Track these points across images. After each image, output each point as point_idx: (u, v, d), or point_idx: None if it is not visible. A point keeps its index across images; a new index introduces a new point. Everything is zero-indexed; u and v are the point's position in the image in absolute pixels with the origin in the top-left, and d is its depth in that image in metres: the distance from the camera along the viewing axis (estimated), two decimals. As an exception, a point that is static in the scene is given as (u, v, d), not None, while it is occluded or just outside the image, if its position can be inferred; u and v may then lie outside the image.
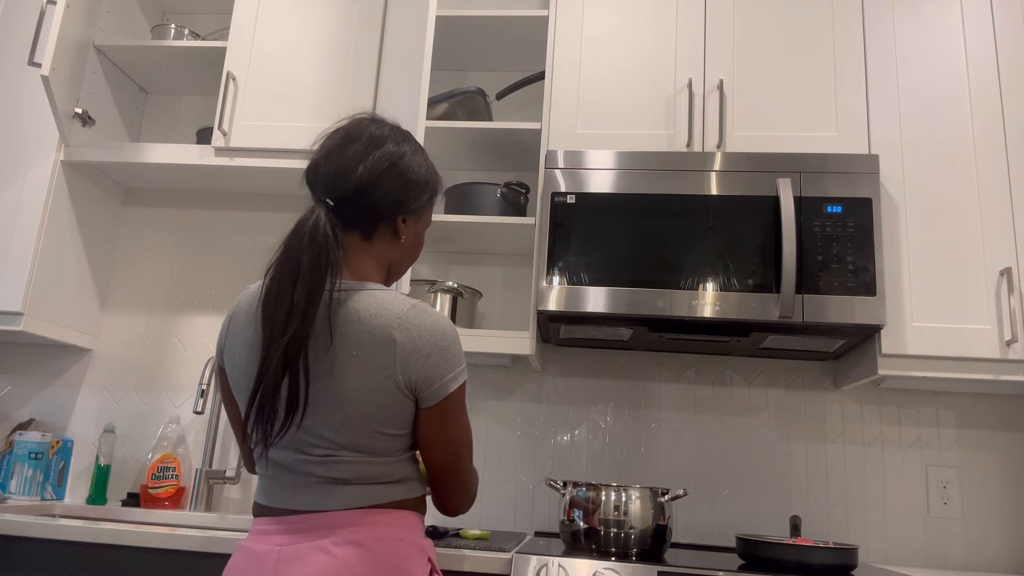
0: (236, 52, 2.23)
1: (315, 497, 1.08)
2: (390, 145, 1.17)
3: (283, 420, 1.04)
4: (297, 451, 1.08)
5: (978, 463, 2.07)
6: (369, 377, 1.04)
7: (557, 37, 2.13)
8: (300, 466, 1.08)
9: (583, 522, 1.67)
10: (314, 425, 1.06)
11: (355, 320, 1.06)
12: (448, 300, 2.07)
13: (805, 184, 1.85)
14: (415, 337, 1.06)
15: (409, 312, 1.08)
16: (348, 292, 1.09)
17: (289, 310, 1.02)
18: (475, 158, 2.33)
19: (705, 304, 1.80)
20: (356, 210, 1.14)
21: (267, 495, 1.13)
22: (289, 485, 1.10)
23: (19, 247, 2.13)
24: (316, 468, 1.08)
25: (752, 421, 2.15)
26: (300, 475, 1.09)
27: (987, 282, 1.85)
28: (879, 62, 2.01)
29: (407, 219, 1.20)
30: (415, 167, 1.19)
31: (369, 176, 1.13)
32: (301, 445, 1.08)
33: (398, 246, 1.21)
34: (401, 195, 1.17)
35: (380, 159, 1.15)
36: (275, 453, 1.10)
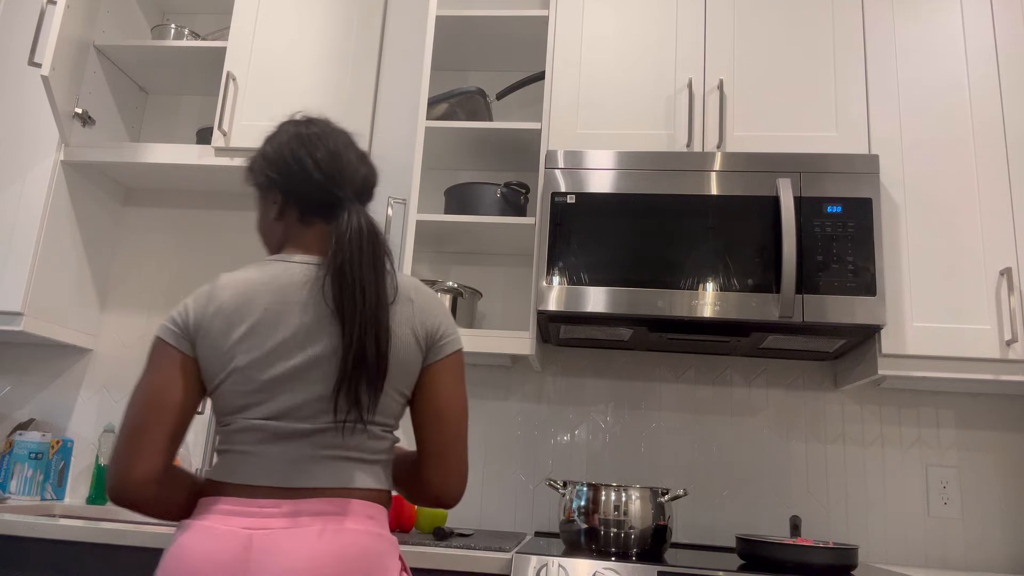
0: (236, 52, 2.23)
1: (338, 473, 1.10)
2: (357, 140, 1.30)
3: (372, 384, 1.10)
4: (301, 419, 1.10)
5: (978, 463, 2.07)
6: (397, 331, 1.15)
7: (557, 37, 2.13)
8: (319, 437, 1.10)
9: (583, 522, 1.67)
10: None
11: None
12: (448, 300, 2.07)
13: (805, 184, 1.85)
14: (427, 298, 1.21)
15: (417, 283, 1.23)
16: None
17: (362, 290, 1.12)
18: (475, 158, 2.33)
19: (705, 304, 1.80)
20: (358, 198, 1.24)
21: (256, 472, 1.08)
22: (298, 460, 1.08)
23: (19, 247, 2.13)
24: (343, 439, 1.11)
25: (752, 421, 2.15)
26: (319, 448, 1.10)
27: (987, 282, 1.85)
28: (879, 62, 2.01)
29: None
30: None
31: (370, 166, 1.27)
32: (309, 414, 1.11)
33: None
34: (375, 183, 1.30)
35: (363, 157, 1.27)
36: (279, 425, 1.09)
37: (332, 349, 1.10)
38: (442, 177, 2.43)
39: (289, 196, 1.21)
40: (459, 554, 1.56)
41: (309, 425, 1.09)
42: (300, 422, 1.09)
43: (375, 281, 1.12)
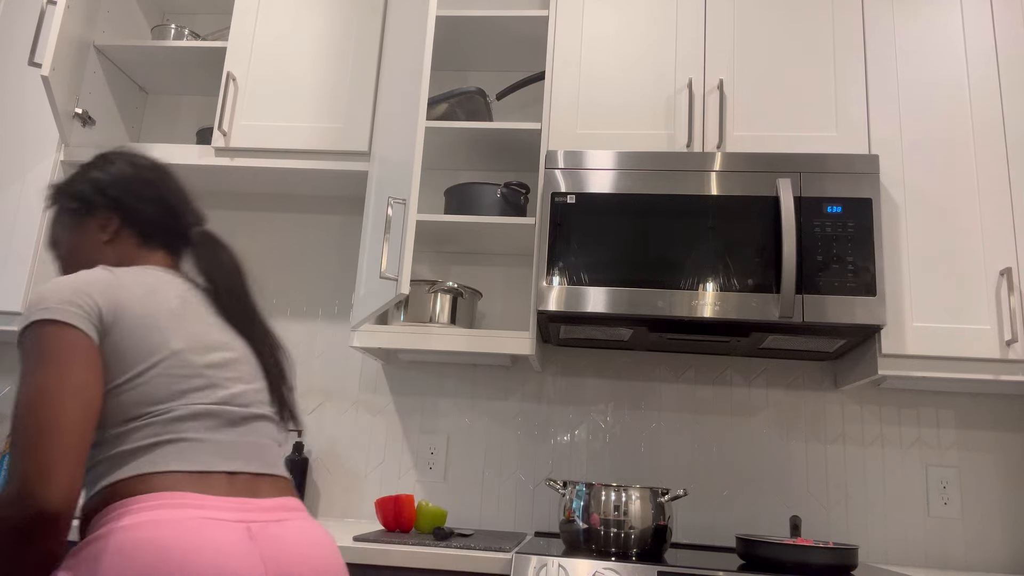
0: (236, 52, 2.23)
1: (280, 462, 1.15)
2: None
3: (288, 386, 1.21)
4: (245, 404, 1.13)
5: (978, 463, 2.07)
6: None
7: (557, 37, 2.13)
8: (265, 425, 1.15)
9: (583, 522, 1.67)
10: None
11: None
12: (448, 300, 2.07)
13: (805, 184, 1.85)
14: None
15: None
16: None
17: (254, 309, 1.22)
18: (475, 158, 2.33)
19: (705, 304, 1.80)
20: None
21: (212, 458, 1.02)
22: (253, 445, 1.10)
23: (19, 247, 2.13)
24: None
25: (752, 421, 2.15)
26: (265, 436, 1.14)
27: (987, 282, 1.85)
28: (879, 62, 2.01)
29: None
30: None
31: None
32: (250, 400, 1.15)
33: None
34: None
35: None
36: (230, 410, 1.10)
37: (247, 352, 1.16)
38: (442, 177, 2.42)
39: (128, 221, 1.22)
40: (459, 554, 1.56)
41: (257, 411, 1.12)
42: (249, 408, 1.10)
43: (255, 305, 1.21)
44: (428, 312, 2.05)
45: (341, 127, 2.14)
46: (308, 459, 2.23)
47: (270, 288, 2.41)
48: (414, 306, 2.06)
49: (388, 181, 1.82)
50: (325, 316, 2.37)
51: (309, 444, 2.28)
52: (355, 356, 2.33)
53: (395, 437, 2.26)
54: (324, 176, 2.23)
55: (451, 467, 2.22)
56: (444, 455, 2.22)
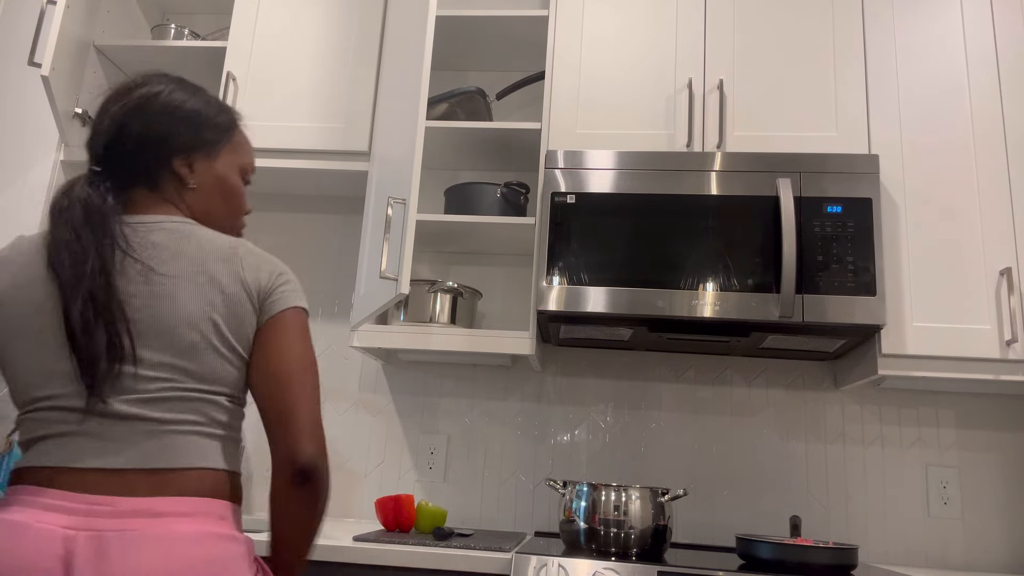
0: (236, 52, 2.23)
1: (142, 453, 0.94)
2: (142, 89, 1.10)
3: (116, 353, 0.95)
4: (124, 391, 0.96)
5: (978, 463, 2.07)
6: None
7: (557, 37, 2.13)
8: (126, 408, 0.96)
9: (583, 522, 1.67)
10: (148, 357, 0.97)
11: (187, 239, 1.03)
12: (448, 300, 2.07)
13: (805, 184, 1.85)
14: (256, 255, 1.08)
15: (244, 243, 1.09)
16: (156, 224, 1.04)
17: (76, 259, 0.97)
18: (475, 158, 2.32)
19: (705, 304, 1.80)
20: (117, 165, 1.06)
21: (62, 454, 0.94)
22: (107, 438, 0.94)
23: (19, 247, 2.13)
24: (148, 410, 0.96)
25: (752, 421, 2.15)
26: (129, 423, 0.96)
27: (987, 282, 1.85)
28: (879, 62, 2.01)
29: (191, 161, 1.10)
30: (177, 103, 1.10)
31: (117, 124, 1.07)
32: (130, 383, 0.96)
33: (191, 194, 1.10)
34: (160, 132, 1.07)
35: (127, 105, 1.08)
36: (87, 400, 0.95)
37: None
38: (442, 177, 2.42)
39: None
40: (459, 554, 1.56)
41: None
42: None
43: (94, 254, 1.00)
44: (428, 312, 2.05)
45: (341, 127, 2.14)
46: (308, 459, 2.23)
47: (270, 288, 2.41)
48: (414, 306, 2.06)
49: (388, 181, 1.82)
50: (325, 316, 2.37)
51: (309, 444, 2.27)
52: (355, 356, 2.33)
53: (395, 437, 2.26)
54: (324, 176, 2.23)
55: (451, 467, 2.22)
56: (444, 455, 2.22)
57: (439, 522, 1.87)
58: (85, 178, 1.05)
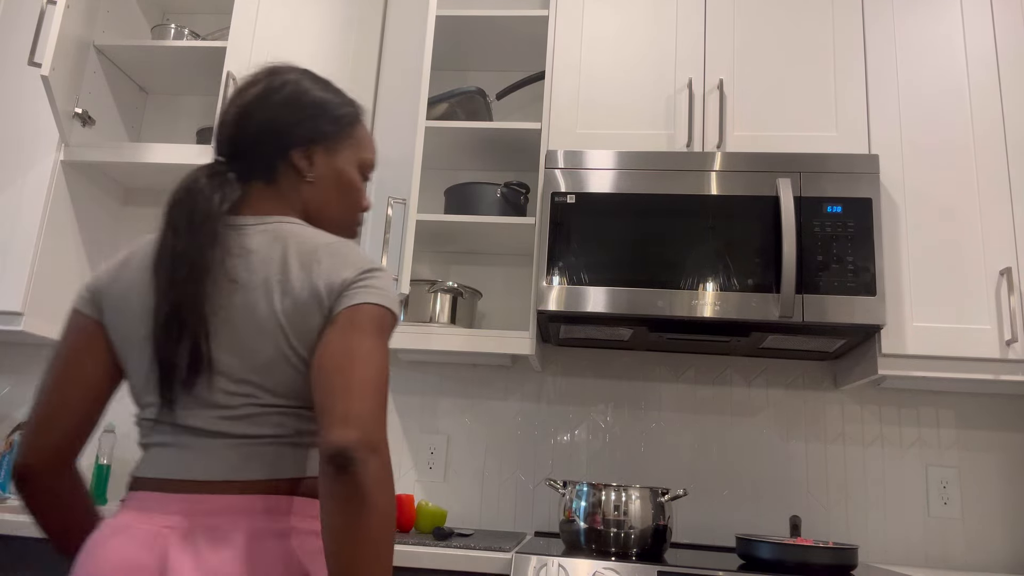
0: (236, 52, 2.23)
1: (225, 464, 0.94)
2: (267, 80, 1.07)
3: (191, 374, 0.94)
4: (210, 406, 0.94)
5: (978, 463, 2.07)
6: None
7: (557, 37, 2.13)
8: (212, 424, 0.94)
9: (583, 522, 1.67)
10: (230, 371, 0.94)
11: (268, 246, 0.97)
12: (448, 300, 2.07)
13: (805, 184, 1.85)
14: (342, 256, 0.98)
15: (335, 243, 1.00)
16: (255, 226, 1.00)
17: (174, 260, 0.95)
18: (475, 158, 2.33)
19: (705, 304, 1.80)
20: (238, 155, 1.04)
21: (157, 465, 0.96)
22: (192, 450, 0.95)
23: (19, 247, 2.13)
24: (228, 425, 0.94)
25: (752, 421, 2.15)
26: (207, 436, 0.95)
27: (987, 282, 1.85)
28: (879, 62, 2.01)
29: (310, 154, 1.06)
30: (299, 94, 1.07)
31: (240, 114, 1.04)
32: (215, 398, 0.95)
33: (308, 187, 1.06)
34: (281, 122, 1.04)
35: (253, 95, 1.05)
36: (180, 413, 0.96)
37: None
38: (442, 177, 2.42)
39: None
40: (459, 554, 1.56)
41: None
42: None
43: (190, 257, 0.97)
44: (428, 312, 2.05)
45: (341, 127, 2.14)
46: (308, 459, 2.23)
47: (270, 288, 2.41)
48: (414, 306, 2.06)
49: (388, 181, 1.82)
50: (325, 316, 2.36)
51: (309, 444, 2.27)
52: (355, 356, 2.32)
53: (395, 437, 2.25)
54: (324, 176, 2.22)
55: (451, 467, 2.22)
56: (444, 455, 2.22)
57: (439, 522, 1.87)
58: (208, 169, 1.02)
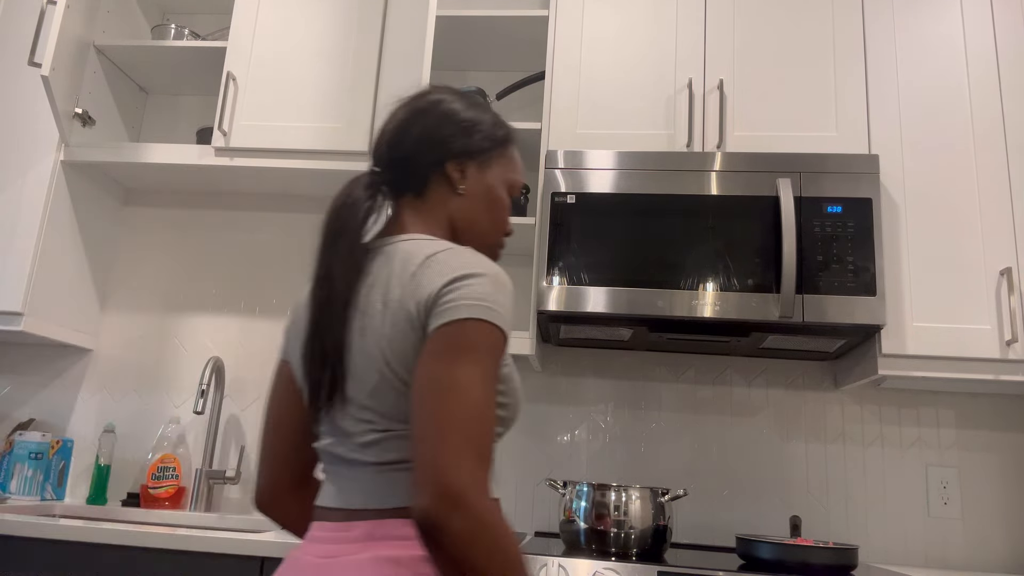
0: (236, 52, 2.23)
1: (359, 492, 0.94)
2: (426, 96, 1.09)
3: (328, 395, 0.95)
4: (345, 434, 0.96)
5: (978, 463, 2.07)
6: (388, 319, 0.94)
7: (557, 37, 2.13)
8: (350, 453, 0.95)
9: (583, 522, 1.67)
10: (356, 397, 0.94)
11: (387, 267, 0.97)
12: (448, 300, 2.06)
13: (805, 184, 1.85)
14: (439, 268, 0.94)
15: (442, 252, 0.96)
16: (385, 247, 1.00)
17: (320, 278, 0.98)
18: (475, 158, 2.32)
19: (705, 304, 1.80)
20: (395, 166, 1.06)
21: (322, 494, 1.00)
22: (336, 478, 0.97)
23: (19, 247, 2.13)
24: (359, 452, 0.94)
25: (752, 421, 2.15)
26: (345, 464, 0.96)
27: (987, 282, 1.85)
28: (879, 62, 2.01)
29: (464, 167, 1.07)
30: (458, 110, 1.08)
31: (399, 126, 1.07)
32: (348, 426, 0.95)
33: (458, 200, 1.07)
34: (438, 134, 1.05)
35: (412, 110, 1.08)
36: (326, 443, 0.98)
37: None
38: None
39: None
40: (459, 554, 1.55)
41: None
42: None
43: (330, 272, 0.99)
44: (428, 312, 2.05)
45: (341, 127, 2.14)
46: (308, 459, 2.23)
47: (270, 288, 2.41)
48: (414, 306, 2.05)
49: (388, 181, 1.82)
50: (325, 316, 2.36)
51: (309, 444, 2.27)
52: (355, 356, 2.33)
53: (395, 437, 2.25)
54: (324, 176, 2.23)
55: (451, 467, 2.22)
56: (444, 455, 2.22)
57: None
58: (364, 180, 1.05)
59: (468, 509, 0.76)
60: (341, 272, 0.96)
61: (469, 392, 0.83)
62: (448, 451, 0.79)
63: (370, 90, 2.15)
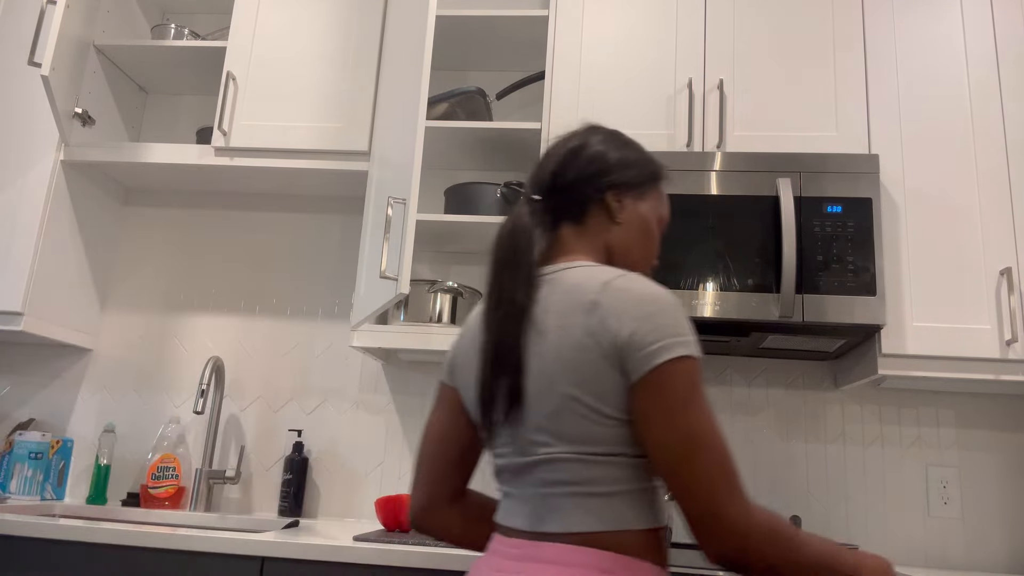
0: (236, 52, 2.23)
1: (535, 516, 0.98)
2: (584, 134, 1.16)
3: (504, 412, 0.99)
4: (519, 453, 1.00)
5: (978, 463, 2.07)
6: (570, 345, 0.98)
7: (557, 37, 2.13)
8: (522, 472, 0.99)
9: (583, 522, 1.66)
10: (531, 417, 0.98)
11: (560, 292, 1.01)
12: (448, 300, 2.07)
13: (805, 184, 1.85)
14: (621, 299, 0.96)
15: (617, 279, 0.99)
16: (553, 273, 1.05)
17: (498, 300, 1.02)
18: (475, 158, 2.32)
19: (705, 304, 1.80)
20: (557, 194, 1.12)
21: (500, 510, 1.04)
22: (516, 499, 1.01)
23: (19, 247, 2.13)
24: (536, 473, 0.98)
25: (752, 421, 2.15)
26: (524, 484, 1.00)
27: (987, 282, 1.85)
28: (879, 62, 2.01)
29: (622, 198, 1.11)
30: (618, 145, 1.15)
31: (564, 158, 1.13)
32: (522, 444, 0.99)
33: (615, 229, 1.11)
34: (597, 167, 1.11)
35: (573, 146, 1.14)
36: (503, 460, 1.03)
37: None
38: (442, 177, 2.43)
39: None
40: (459, 554, 1.56)
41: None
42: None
43: (509, 295, 1.03)
44: (428, 312, 2.05)
45: (341, 127, 2.14)
46: (308, 459, 2.23)
47: (270, 288, 2.41)
48: (414, 306, 2.06)
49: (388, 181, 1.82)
50: (325, 316, 2.37)
51: (309, 444, 2.27)
52: (355, 356, 2.33)
53: (395, 437, 2.26)
54: (324, 176, 2.23)
55: (451, 467, 2.22)
56: (444, 455, 2.22)
57: (439, 522, 1.87)
58: (528, 207, 1.10)
59: (755, 538, 0.87)
60: (520, 295, 1.01)
61: (714, 432, 0.90)
62: (720, 501, 0.87)
63: (370, 90, 2.16)
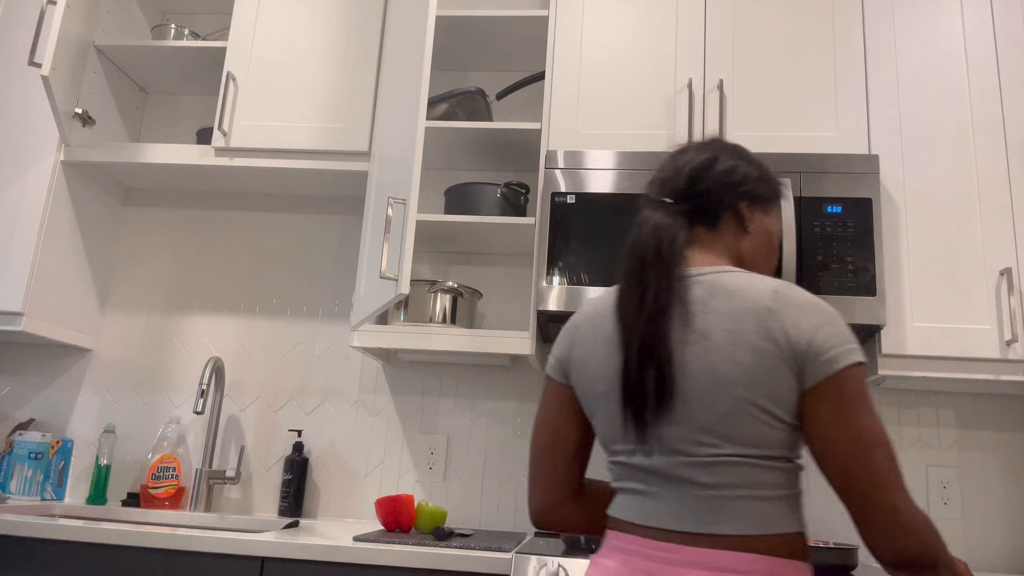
0: (236, 52, 2.23)
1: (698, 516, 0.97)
2: (726, 143, 1.20)
3: (655, 410, 0.99)
4: (667, 452, 0.99)
5: (978, 463, 2.07)
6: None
7: (557, 37, 2.13)
8: (674, 471, 0.98)
9: (583, 522, 1.66)
10: (694, 418, 0.97)
11: (724, 295, 1.01)
12: (448, 300, 2.07)
13: (805, 184, 1.85)
14: (795, 307, 0.98)
15: (783, 286, 1.01)
16: (704, 275, 1.06)
17: (641, 298, 1.02)
18: (475, 158, 2.33)
19: (705, 304, 1.80)
20: (692, 199, 1.13)
21: (630, 509, 1.03)
22: (663, 498, 1.00)
23: (19, 247, 2.13)
24: (697, 473, 0.97)
25: (752, 421, 2.15)
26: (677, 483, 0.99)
27: (987, 282, 1.85)
28: (879, 62, 2.01)
29: (753, 209, 1.15)
30: (751, 161, 1.18)
31: (701, 164, 1.15)
32: (675, 444, 0.99)
33: (747, 237, 1.14)
34: (735, 177, 1.14)
35: (714, 151, 1.16)
36: (644, 459, 1.02)
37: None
38: (442, 177, 2.43)
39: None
40: (459, 554, 1.56)
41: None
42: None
43: (654, 292, 1.02)
44: (428, 312, 2.05)
45: (341, 127, 2.14)
46: (308, 459, 2.23)
47: (270, 288, 2.41)
48: (414, 306, 2.06)
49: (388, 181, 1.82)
50: (325, 316, 2.37)
51: (309, 444, 2.28)
52: (355, 356, 2.33)
53: (395, 437, 2.26)
54: (324, 176, 2.23)
55: (451, 467, 2.22)
56: (444, 455, 2.22)
57: (439, 522, 1.87)
58: (662, 209, 1.10)
59: (926, 534, 0.93)
60: (670, 295, 1.01)
61: (884, 436, 0.94)
62: (898, 496, 0.92)
63: (370, 90, 2.16)
